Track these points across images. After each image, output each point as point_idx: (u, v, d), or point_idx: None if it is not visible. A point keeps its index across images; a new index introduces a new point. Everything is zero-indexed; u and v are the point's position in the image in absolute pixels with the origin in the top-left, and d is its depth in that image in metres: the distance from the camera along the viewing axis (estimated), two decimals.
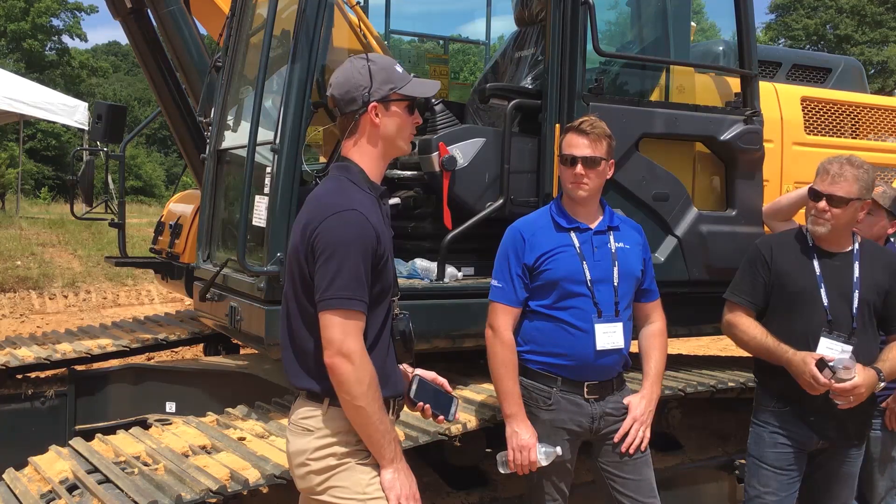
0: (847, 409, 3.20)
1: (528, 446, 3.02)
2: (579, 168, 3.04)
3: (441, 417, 2.56)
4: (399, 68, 2.43)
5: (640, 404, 3.15)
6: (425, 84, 2.47)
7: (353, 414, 2.27)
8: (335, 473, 2.34)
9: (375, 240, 2.28)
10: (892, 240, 3.96)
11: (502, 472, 3.12)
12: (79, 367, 4.94)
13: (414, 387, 2.51)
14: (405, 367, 2.59)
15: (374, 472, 2.35)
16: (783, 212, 4.18)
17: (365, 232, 2.26)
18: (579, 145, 3.06)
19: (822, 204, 3.28)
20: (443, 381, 2.61)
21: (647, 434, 3.15)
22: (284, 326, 2.42)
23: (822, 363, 3.14)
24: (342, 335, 2.22)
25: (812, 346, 3.27)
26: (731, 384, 4.20)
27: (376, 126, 2.38)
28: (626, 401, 3.16)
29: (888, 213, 3.77)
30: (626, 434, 3.11)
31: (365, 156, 2.41)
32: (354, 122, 2.38)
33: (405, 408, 2.60)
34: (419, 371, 2.59)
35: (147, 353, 6.04)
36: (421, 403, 2.52)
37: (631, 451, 3.10)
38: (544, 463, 3.03)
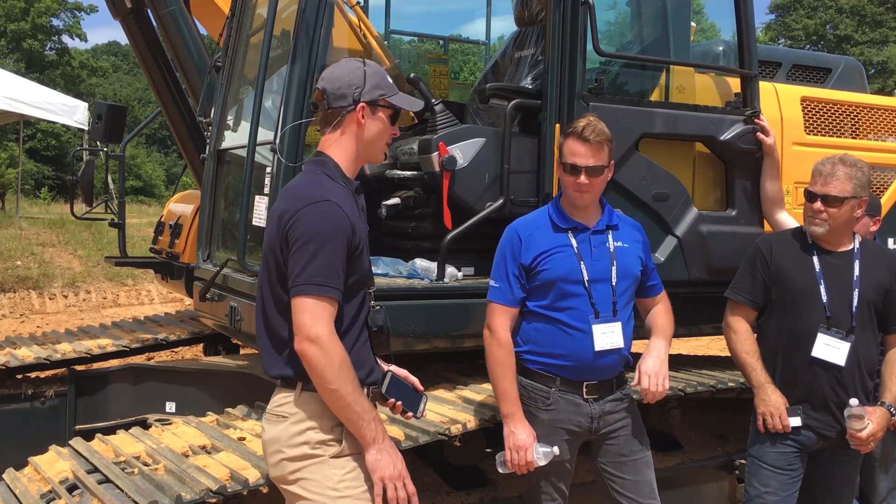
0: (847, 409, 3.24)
1: (525, 446, 3.02)
2: (583, 178, 3.03)
3: (410, 414, 2.61)
4: (388, 79, 2.53)
5: (647, 361, 3.07)
6: (410, 100, 2.60)
7: (328, 398, 2.30)
8: (308, 465, 2.38)
9: (350, 230, 2.34)
10: (877, 238, 4.04)
11: (501, 472, 3.12)
12: (79, 367, 4.94)
13: (386, 383, 2.56)
14: (379, 362, 2.64)
15: (347, 468, 2.38)
16: (771, 195, 4.22)
17: (340, 222, 2.32)
18: (582, 154, 3.02)
19: (818, 204, 3.30)
20: (414, 379, 2.67)
21: (666, 385, 3.05)
22: (260, 318, 2.46)
23: (792, 410, 3.30)
24: (311, 319, 2.26)
25: (810, 343, 3.28)
26: (731, 384, 4.20)
27: (360, 126, 2.46)
28: (631, 377, 3.13)
29: (867, 213, 3.85)
30: (645, 390, 3.05)
31: (342, 152, 2.48)
32: (340, 118, 2.46)
33: (380, 404, 2.63)
34: (392, 367, 2.66)
35: (147, 353, 6.04)
36: (392, 400, 2.56)
37: (651, 399, 3.05)
38: (542, 463, 3.03)
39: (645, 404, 3.20)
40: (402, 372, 2.67)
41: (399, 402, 2.57)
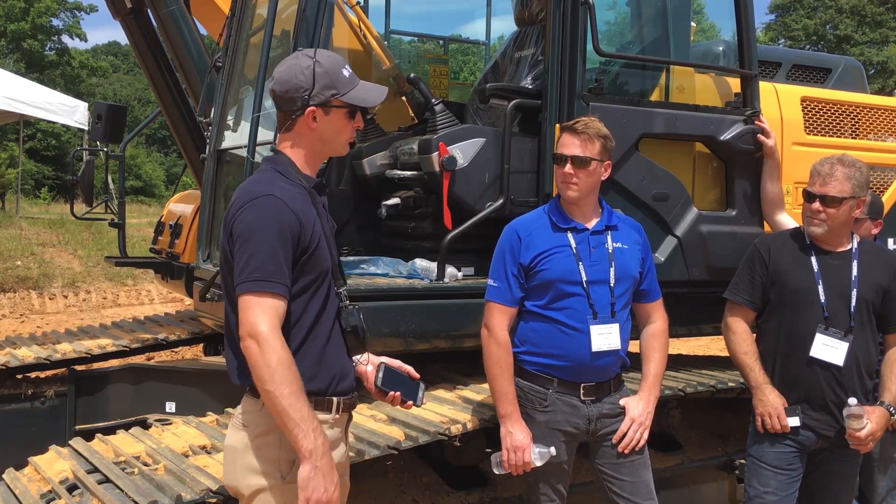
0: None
1: (522, 447, 3.02)
2: (568, 167, 3.04)
3: (410, 403, 2.51)
4: (346, 72, 2.37)
5: (637, 406, 3.15)
6: (370, 91, 2.42)
7: (265, 399, 2.17)
8: (261, 485, 2.26)
9: (296, 225, 2.23)
10: (877, 239, 4.06)
11: (496, 472, 3.12)
12: (79, 367, 4.95)
13: (380, 375, 2.47)
14: (370, 357, 2.54)
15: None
16: (772, 196, 4.23)
17: (283, 217, 2.21)
18: (570, 145, 3.06)
19: (816, 205, 3.30)
20: (409, 368, 2.56)
21: (645, 436, 3.14)
22: (227, 321, 2.34)
23: (791, 410, 3.30)
24: (253, 317, 2.16)
25: (809, 343, 3.28)
26: (731, 384, 4.20)
27: (312, 129, 2.35)
28: (622, 402, 3.15)
29: (869, 216, 3.88)
30: (625, 435, 3.11)
31: (297, 153, 2.38)
32: (291, 121, 2.35)
33: (379, 399, 2.53)
34: (384, 359, 2.55)
35: (147, 353, 6.04)
36: (392, 393, 2.48)
37: (627, 451, 3.10)
38: (538, 463, 3.02)
39: None
40: (396, 362, 2.56)
41: (398, 394, 2.48)
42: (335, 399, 2.34)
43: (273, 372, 2.13)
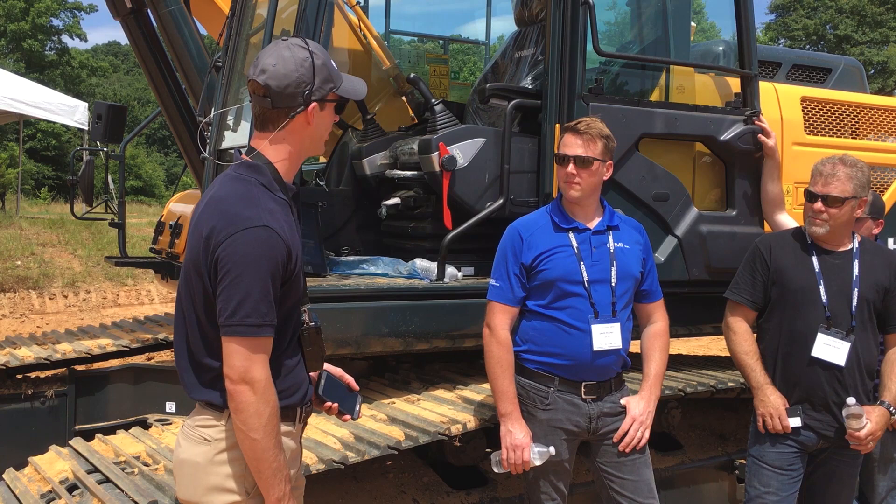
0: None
1: (521, 446, 3.02)
2: (571, 167, 3.06)
3: (347, 416, 2.45)
4: (332, 62, 2.25)
5: (638, 405, 3.15)
6: (355, 83, 2.32)
7: (246, 445, 2.10)
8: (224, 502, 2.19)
9: (286, 256, 2.12)
10: (878, 238, 4.06)
11: (496, 471, 3.12)
12: (79, 367, 4.95)
13: (322, 383, 2.40)
14: None
15: None
16: (772, 196, 4.23)
17: (276, 251, 2.09)
18: (573, 145, 3.08)
19: (818, 205, 3.30)
20: (349, 378, 2.50)
21: (647, 435, 3.15)
22: (181, 333, 2.23)
23: (792, 410, 3.30)
24: (247, 363, 2.06)
25: (810, 343, 3.28)
26: (731, 384, 4.20)
27: (308, 126, 2.21)
28: (623, 401, 3.15)
29: (870, 216, 3.88)
30: (625, 434, 3.11)
31: (284, 153, 2.23)
32: (289, 119, 2.17)
33: (315, 407, 2.46)
34: (326, 366, 2.46)
35: (147, 353, 6.04)
36: (329, 403, 2.41)
37: (628, 450, 3.10)
38: (538, 462, 3.03)
39: None
40: (338, 371, 2.48)
41: (335, 405, 2.41)
42: (298, 409, 2.28)
43: (265, 423, 2.08)
